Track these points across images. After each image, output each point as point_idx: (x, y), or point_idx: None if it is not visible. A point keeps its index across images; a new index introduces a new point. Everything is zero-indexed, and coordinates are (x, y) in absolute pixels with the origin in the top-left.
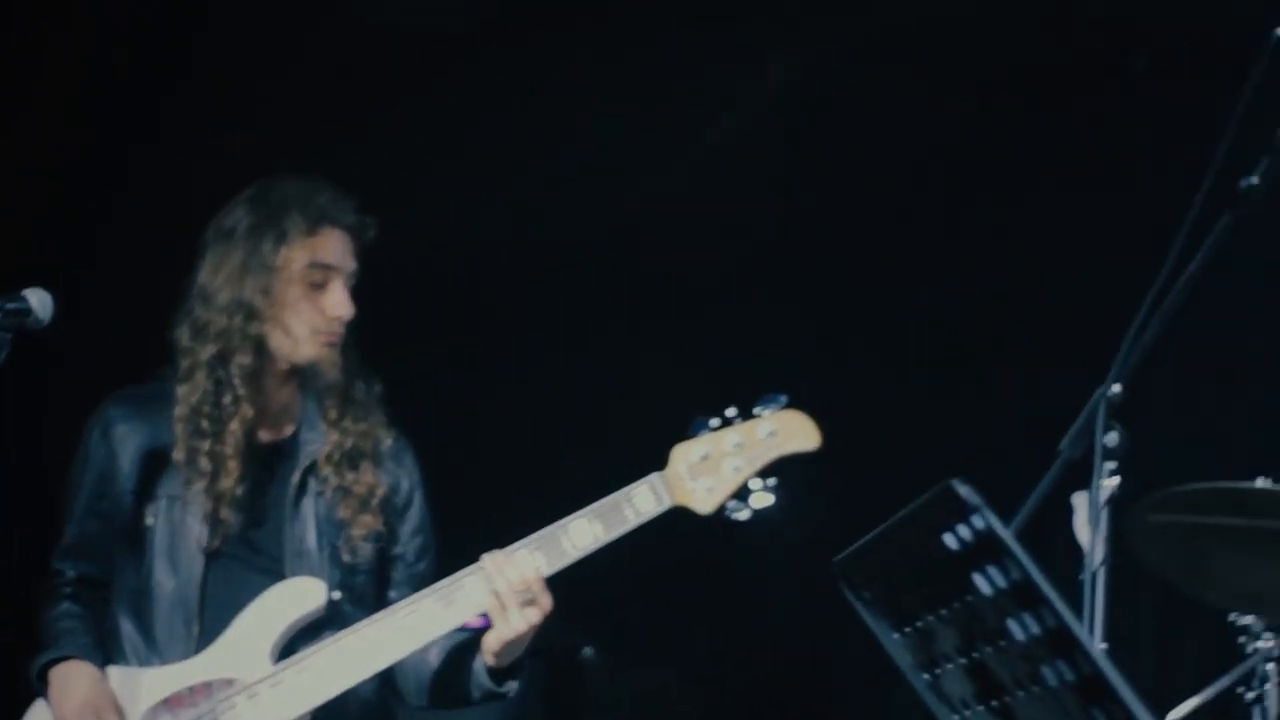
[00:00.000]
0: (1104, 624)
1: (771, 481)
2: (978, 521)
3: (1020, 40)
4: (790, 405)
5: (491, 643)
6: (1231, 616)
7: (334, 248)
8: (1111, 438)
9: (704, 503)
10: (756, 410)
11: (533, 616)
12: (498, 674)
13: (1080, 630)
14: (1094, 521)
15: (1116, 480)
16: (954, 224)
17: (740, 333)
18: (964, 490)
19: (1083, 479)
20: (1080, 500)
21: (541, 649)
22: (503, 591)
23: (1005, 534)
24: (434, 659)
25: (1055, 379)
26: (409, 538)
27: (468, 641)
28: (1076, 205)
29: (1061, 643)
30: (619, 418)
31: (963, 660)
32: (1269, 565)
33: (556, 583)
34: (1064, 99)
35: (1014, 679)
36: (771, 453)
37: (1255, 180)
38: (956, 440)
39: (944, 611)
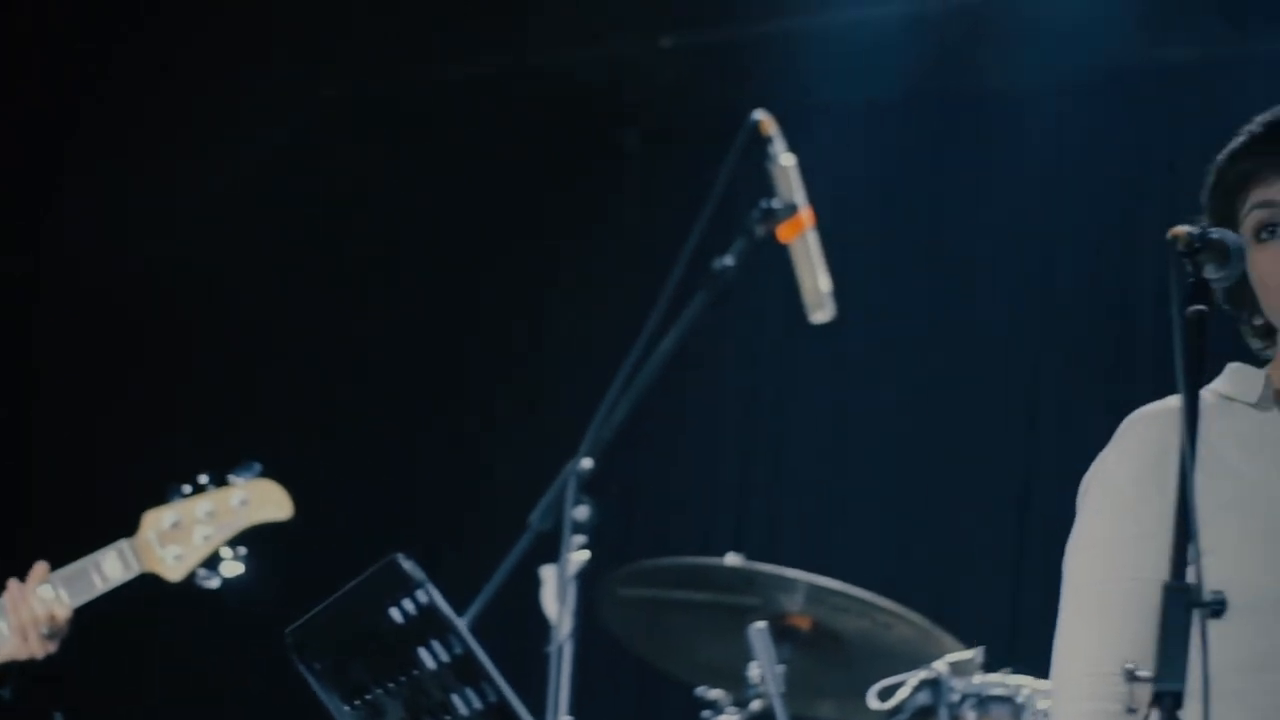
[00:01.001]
0: (570, 696)
1: (242, 550)
2: (421, 596)
3: (518, 113)
4: (264, 474)
5: None
6: (699, 690)
7: None
8: (581, 511)
9: (173, 570)
10: (230, 478)
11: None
12: None
13: (518, 705)
14: (562, 594)
15: (585, 554)
16: (428, 294)
17: (219, 396)
18: (408, 565)
19: (552, 552)
20: (549, 573)
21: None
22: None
23: (446, 609)
24: None
25: (527, 452)
26: None
27: None
28: (555, 275)
29: (503, 718)
30: (99, 482)
31: None
32: (733, 640)
33: None
34: (559, 174)
35: None
36: (242, 521)
37: (729, 261)
38: (425, 511)
39: (391, 685)
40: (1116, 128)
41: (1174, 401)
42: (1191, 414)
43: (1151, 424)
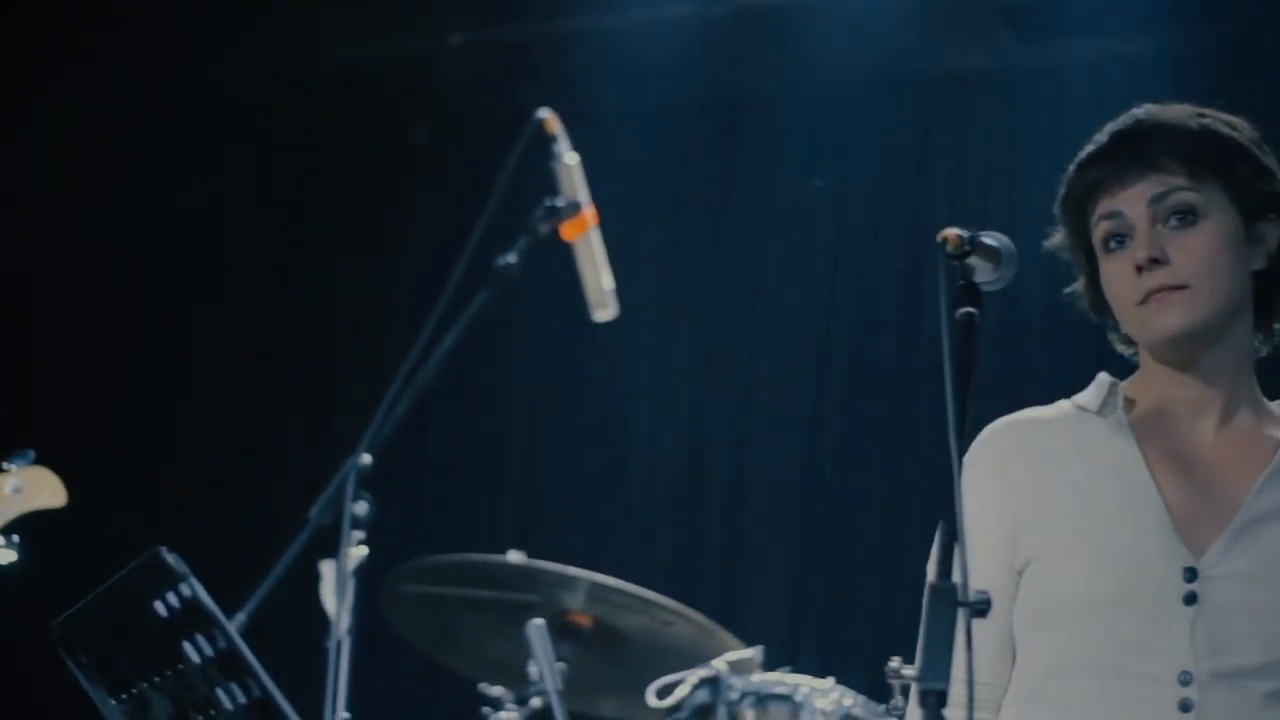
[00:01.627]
0: (350, 692)
1: (15, 538)
2: (184, 590)
3: (306, 112)
4: (39, 461)
5: None
6: (481, 686)
7: None
8: (361, 507)
9: None
10: (4, 465)
11: None
12: None
13: (281, 700)
14: (340, 590)
15: (364, 550)
16: (217, 286)
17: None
18: (170, 558)
19: (332, 547)
20: (328, 568)
21: None
22: None
23: (210, 603)
24: None
25: (306, 447)
26: None
27: None
28: (345, 271)
29: (266, 713)
30: None
31: None
32: (514, 637)
33: None
34: (351, 169)
35: None
36: (16, 508)
37: (512, 259)
38: (209, 505)
39: (156, 679)
40: (903, 133)
41: (1028, 414)
42: (960, 416)
43: (1009, 433)
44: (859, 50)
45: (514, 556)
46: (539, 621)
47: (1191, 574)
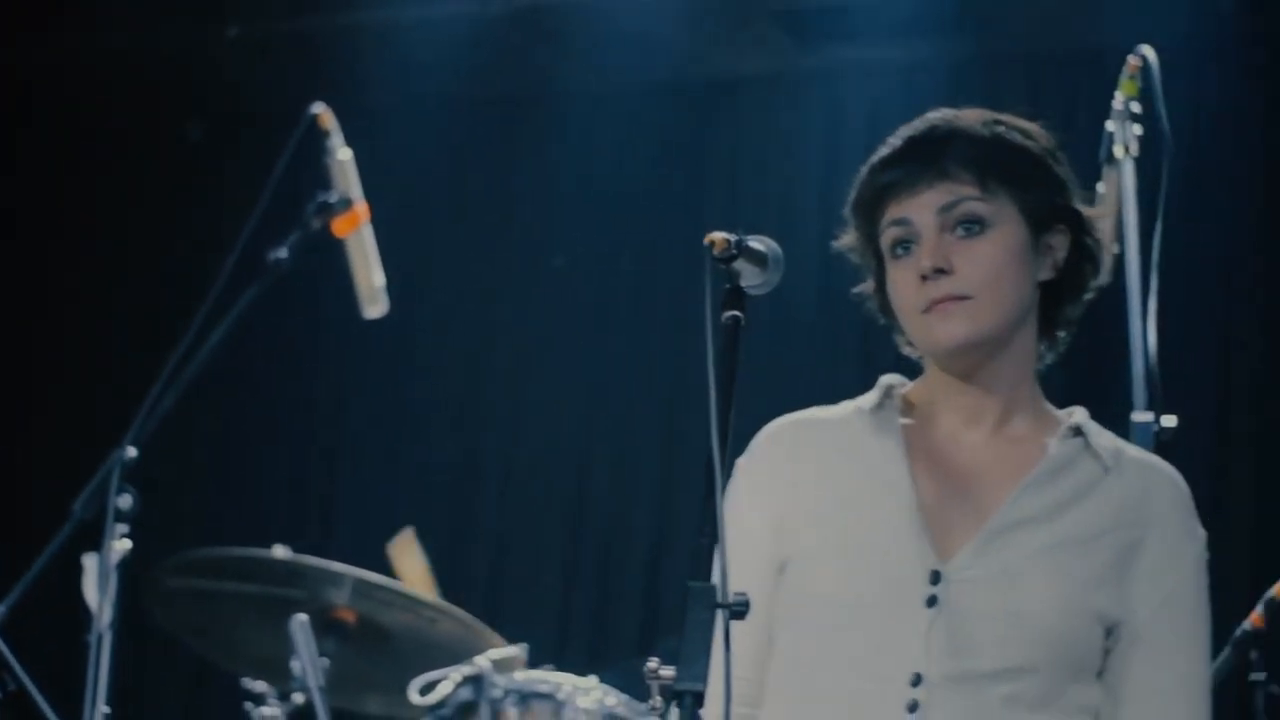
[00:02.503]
0: (109, 686)
1: None
2: None
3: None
4: None
5: None
6: (244, 681)
7: None
8: (125, 500)
9: None
10: None
11: None
12: None
13: (36, 694)
14: (103, 583)
15: (128, 543)
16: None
17: None
18: None
19: (96, 540)
20: (90, 561)
21: None
22: None
23: None
24: None
25: (70, 440)
26: None
27: None
28: (120, 262)
29: (21, 707)
30: None
31: None
32: (279, 632)
33: None
34: (129, 160)
35: None
36: None
37: (283, 253)
38: None
39: None
40: (679, 134)
41: (808, 414)
42: (723, 419)
43: (785, 432)
44: (636, 52)
45: (279, 551)
46: (302, 617)
47: (936, 577)
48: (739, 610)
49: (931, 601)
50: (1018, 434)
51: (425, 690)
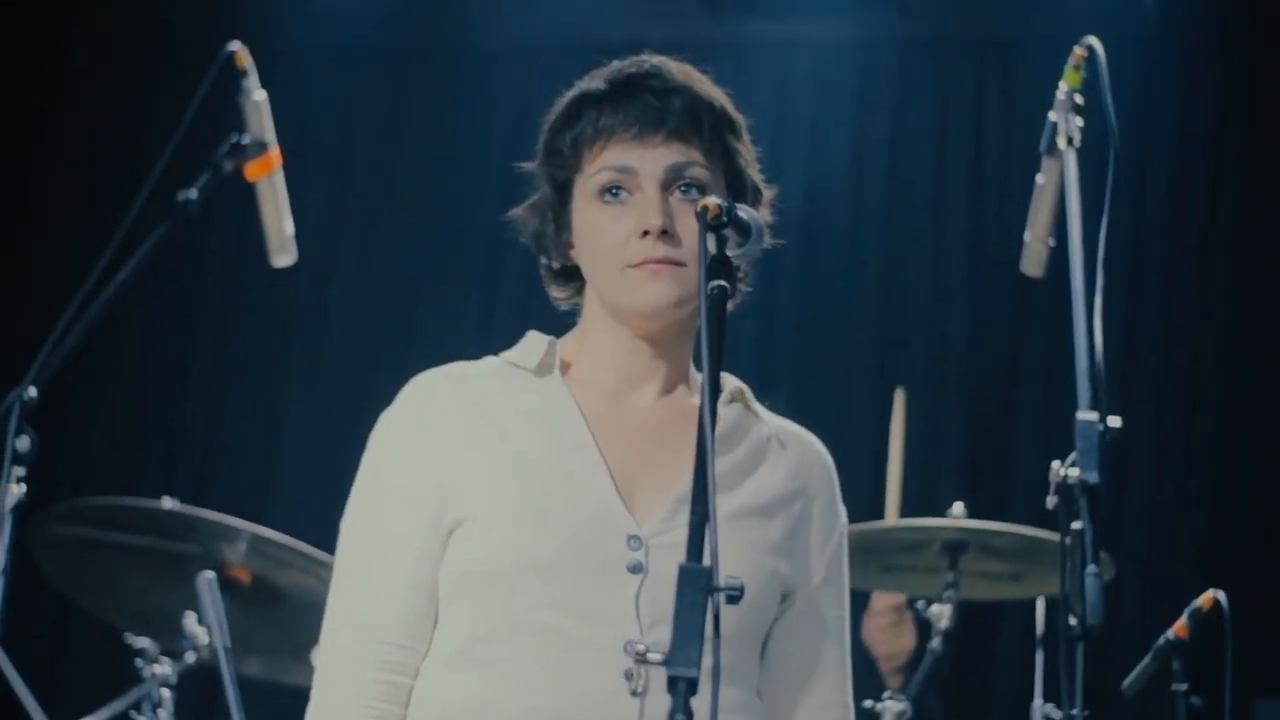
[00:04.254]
0: None
1: None
2: None
3: None
4: None
5: None
6: (128, 637)
7: None
8: (22, 442)
9: None
10: None
11: None
12: None
13: None
14: None
15: (23, 487)
16: None
17: None
18: None
19: None
20: None
21: None
22: None
23: None
24: None
25: None
26: None
27: None
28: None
29: None
30: None
31: None
32: (167, 587)
33: None
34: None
35: None
36: None
37: (194, 194)
38: None
39: None
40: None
41: (457, 369)
42: (714, 389)
43: (437, 386)
44: (549, 10)
45: (167, 503)
46: (209, 574)
47: (636, 542)
48: (734, 595)
49: (636, 568)
50: (682, 399)
51: None
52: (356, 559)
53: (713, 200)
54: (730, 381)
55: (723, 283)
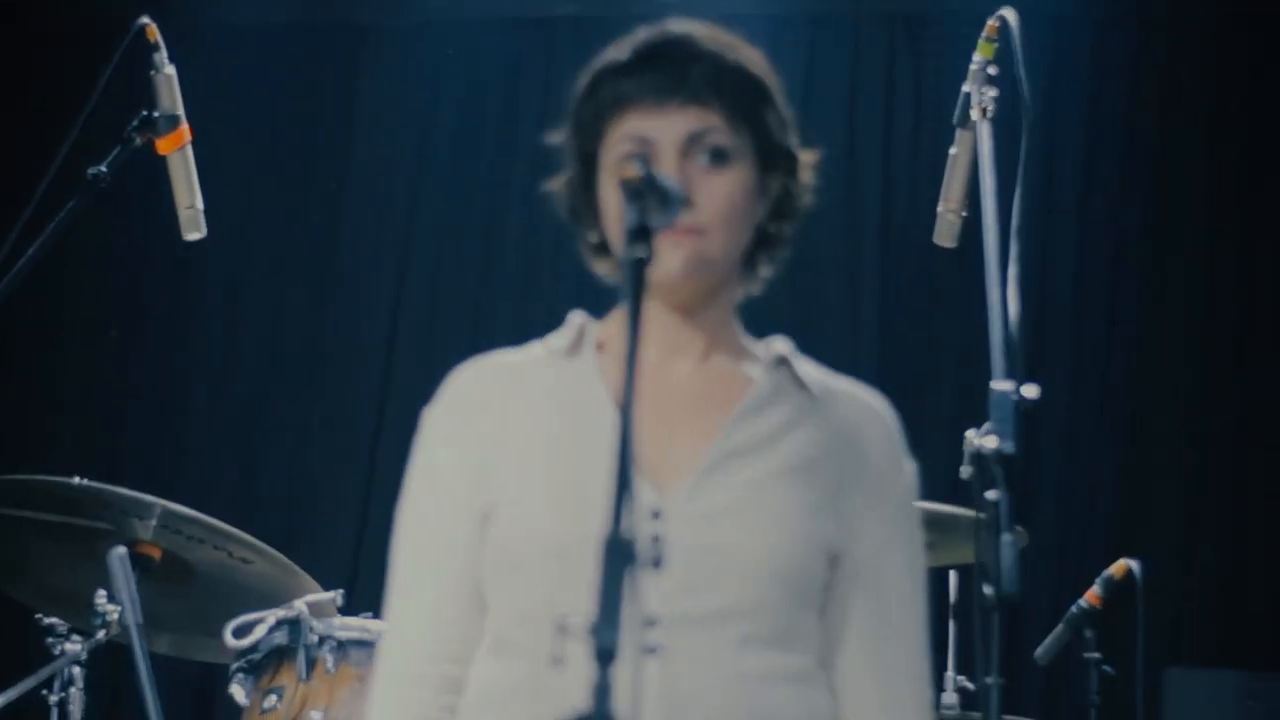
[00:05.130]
0: None
1: None
2: None
3: None
4: None
5: None
6: (39, 616)
7: None
8: None
9: None
10: None
11: None
12: None
13: None
14: None
15: None
16: None
17: None
18: None
19: None
20: None
21: None
22: None
23: None
24: None
25: None
26: None
27: None
28: None
29: None
30: None
31: None
32: (80, 565)
33: None
34: None
35: None
36: None
37: (104, 169)
38: None
39: None
40: (495, 71)
41: (494, 357)
42: (632, 358)
43: (475, 379)
44: None
45: (78, 481)
46: (121, 550)
47: (658, 515)
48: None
49: (655, 540)
50: (722, 367)
51: (239, 633)
52: (409, 555)
53: (632, 170)
54: (778, 344)
55: (642, 255)
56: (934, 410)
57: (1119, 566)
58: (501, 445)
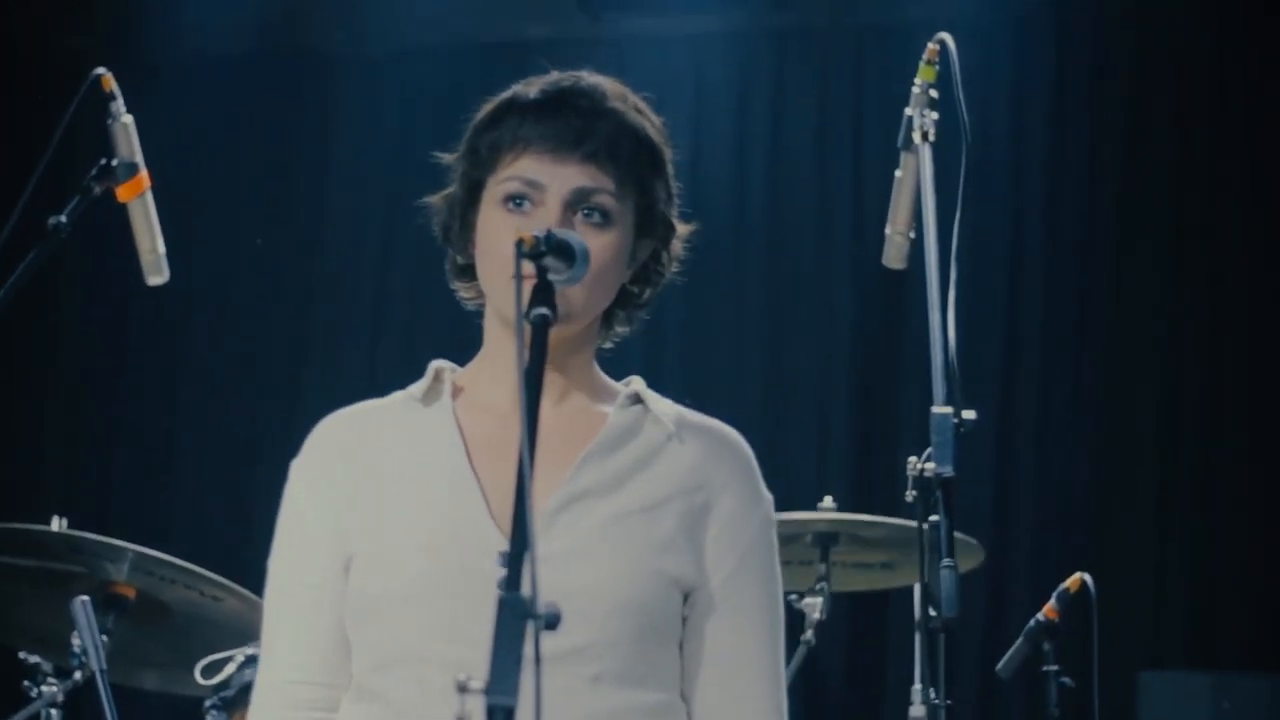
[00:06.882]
0: None
1: None
2: None
3: None
4: None
5: None
6: (22, 655)
7: None
8: None
9: None
10: None
11: None
12: None
13: None
14: None
15: None
16: None
17: None
18: None
19: None
20: None
21: None
22: None
23: None
24: None
25: None
26: None
27: None
28: None
29: None
30: None
31: None
32: (55, 607)
33: None
34: None
35: None
36: None
37: (64, 219)
38: None
39: None
40: (468, 96)
41: (358, 409)
42: (532, 419)
43: (335, 429)
44: (422, 10)
45: (56, 524)
46: (84, 598)
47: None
48: (551, 621)
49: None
50: (579, 405)
51: (209, 671)
52: (273, 603)
53: (528, 232)
54: (634, 383)
55: (544, 311)
56: (907, 430)
57: (1074, 580)
58: (359, 493)
